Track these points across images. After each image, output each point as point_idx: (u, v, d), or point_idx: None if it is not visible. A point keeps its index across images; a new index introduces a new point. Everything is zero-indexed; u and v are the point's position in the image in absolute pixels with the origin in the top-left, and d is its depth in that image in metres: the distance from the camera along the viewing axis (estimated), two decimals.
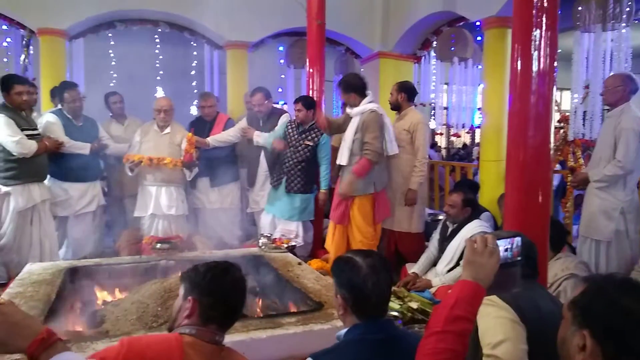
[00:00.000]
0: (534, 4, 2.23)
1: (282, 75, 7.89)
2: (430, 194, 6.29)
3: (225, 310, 1.43)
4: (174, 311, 1.50)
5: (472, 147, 10.00)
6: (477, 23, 5.45)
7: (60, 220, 4.36)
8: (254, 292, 3.05)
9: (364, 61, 7.18)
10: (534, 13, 2.24)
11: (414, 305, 2.81)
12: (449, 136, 10.89)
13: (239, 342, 2.03)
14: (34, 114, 4.35)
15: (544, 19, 2.23)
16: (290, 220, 4.49)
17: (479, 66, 6.76)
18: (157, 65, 7.82)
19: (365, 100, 3.96)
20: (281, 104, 7.77)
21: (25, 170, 3.90)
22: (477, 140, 10.54)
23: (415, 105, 4.57)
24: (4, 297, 2.58)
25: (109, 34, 6.75)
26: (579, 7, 4.30)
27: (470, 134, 10.74)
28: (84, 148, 4.33)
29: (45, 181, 4.18)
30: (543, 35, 2.24)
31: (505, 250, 1.53)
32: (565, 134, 4.32)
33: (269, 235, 4.01)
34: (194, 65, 7.70)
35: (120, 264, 3.39)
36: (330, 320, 2.31)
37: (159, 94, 7.60)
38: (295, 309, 2.76)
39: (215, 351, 1.38)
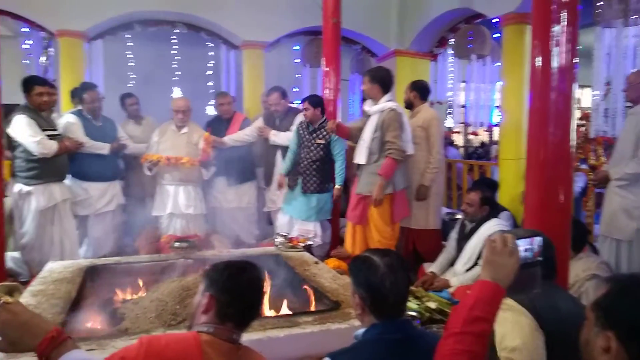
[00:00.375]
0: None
1: (298, 75, 7.90)
2: (448, 192, 6.24)
3: (241, 309, 1.43)
4: (193, 307, 1.51)
5: (491, 146, 9.88)
6: (495, 20, 5.39)
7: (80, 219, 4.42)
8: (270, 291, 3.05)
9: (380, 59, 7.14)
10: (553, 8, 2.20)
11: (432, 305, 2.79)
12: (467, 135, 10.79)
13: (256, 341, 2.03)
14: (53, 114, 4.42)
15: (564, 15, 2.19)
16: (307, 220, 4.48)
17: (497, 63, 6.68)
18: (174, 65, 7.89)
19: (384, 99, 3.94)
20: (297, 103, 7.78)
21: (46, 170, 3.96)
22: (495, 138, 10.42)
23: (432, 104, 4.55)
24: (25, 295, 2.63)
25: (127, 36, 6.83)
26: (600, 3, 4.22)
27: (488, 133, 10.61)
28: (103, 148, 4.39)
29: (66, 181, 4.25)
30: (563, 31, 2.20)
31: (526, 250, 1.50)
32: (586, 132, 4.25)
33: (286, 234, 4.02)
34: (210, 65, 7.75)
35: (139, 262, 3.42)
36: (347, 320, 2.30)
37: (176, 94, 7.67)
38: (312, 308, 2.76)
39: (233, 350, 1.38)
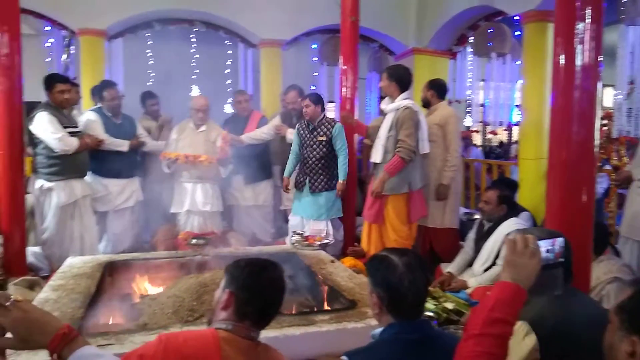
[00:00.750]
0: None
1: (315, 73, 7.90)
2: (466, 192, 6.18)
3: (260, 307, 1.43)
4: (213, 302, 1.51)
5: (510, 145, 9.76)
6: (516, 17, 5.31)
7: (100, 215, 4.47)
8: (287, 289, 3.05)
9: (398, 57, 7.10)
10: (578, 5, 2.15)
11: (450, 305, 2.77)
12: (485, 134, 10.68)
13: (273, 339, 2.03)
14: (74, 112, 4.48)
15: (588, 12, 2.14)
16: (318, 219, 4.45)
17: (517, 62, 6.60)
18: (193, 64, 7.95)
19: (401, 97, 3.91)
20: None
21: (67, 166, 4.02)
22: (515, 138, 10.29)
23: (450, 103, 4.51)
24: (45, 290, 2.67)
25: (146, 34, 6.90)
26: (624, 0, 4.13)
27: (508, 132, 10.48)
28: (122, 145, 4.44)
29: (86, 177, 4.30)
30: (587, 29, 2.15)
31: (547, 250, 1.48)
32: (608, 132, 4.17)
33: (302, 232, 4.02)
34: (228, 64, 7.80)
35: (157, 258, 3.46)
36: (364, 319, 2.30)
37: (195, 92, 7.73)
38: (328, 307, 2.76)
39: (251, 347, 1.38)
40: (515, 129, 9.90)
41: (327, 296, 2.86)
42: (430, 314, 2.66)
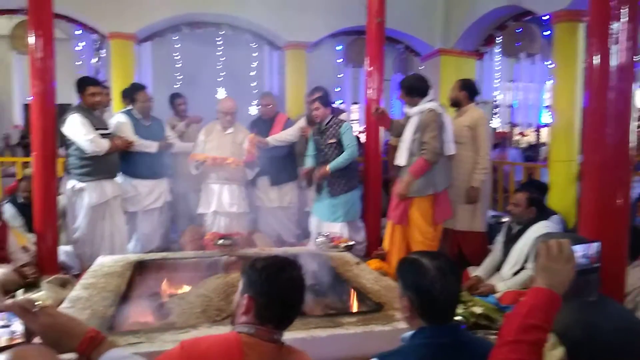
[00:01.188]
0: None
1: (340, 75, 7.90)
2: (494, 195, 6.08)
3: (280, 311, 1.41)
4: (234, 305, 1.51)
5: (539, 147, 9.56)
6: (545, 17, 5.21)
7: (129, 215, 4.55)
8: (313, 291, 3.06)
9: (424, 58, 7.04)
10: (613, 4, 2.10)
11: (478, 310, 2.72)
12: (513, 135, 10.49)
13: (299, 340, 2.04)
14: (105, 113, 4.58)
15: (624, 11, 2.09)
16: (335, 222, 4.44)
17: (546, 62, 6.47)
18: (219, 66, 8.04)
19: (425, 100, 3.88)
20: (339, 103, 7.78)
21: (98, 167, 4.10)
22: (543, 139, 10.08)
23: (476, 104, 4.44)
24: (77, 288, 2.73)
25: (174, 37, 7.01)
26: None
27: (537, 133, 10.27)
28: (151, 146, 4.51)
29: (117, 178, 4.39)
30: (623, 28, 2.09)
31: (583, 255, 1.45)
32: None
33: (327, 234, 4.01)
34: (254, 66, 7.85)
35: (185, 258, 3.50)
36: (391, 322, 2.28)
37: (221, 95, 7.82)
38: (354, 309, 2.75)
39: (275, 350, 1.38)
40: (543, 131, 9.71)
41: (353, 298, 2.85)
42: (458, 318, 2.62)
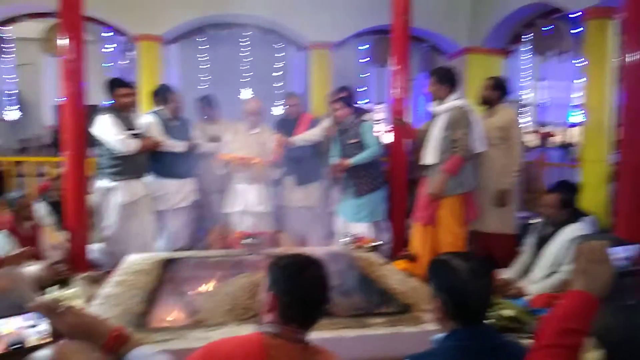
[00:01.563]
0: None
1: (365, 74, 7.88)
2: (523, 196, 5.97)
3: (304, 310, 1.40)
4: (259, 303, 1.51)
5: (569, 147, 9.33)
6: (575, 14, 5.10)
7: (158, 214, 4.60)
8: (339, 291, 3.05)
9: (450, 57, 6.97)
10: None
11: (508, 312, 2.66)
12: (542, 135, 10.27)
13: (327, 340, 2.02)
14: (134, 114, 4.65)
15: None
16: (360, 222, 4.42)
17: (575, 60, 6.33)
18: (244, 67, 8.11)
19: (452, 97, 3.85)
20: (364, 103, 7.76)
21: (128, 167, 4.18)
22: (572, 139, 9.83)
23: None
24: (108, 285, 2.78)
25: (200, 39, 7.10)
26: None
27: (566, 133, 10.02)
28: (179, 146, 4.56)
29: (146, 177, 4.46)
30: None
31: (623, 257, 1.40)
32: None
33: (353, 234, 4.00)
34: (279, 66, 7.89)
35: (212, 257, 3.54)
36: (419, 324, 2.26)
37: (246, 95, 7.88)
38: (381, 310, 2.73)
39: (299, 350, 1.37)
40: (571, 130, 9.49)
41: (380, 299, 2.83)
42: (488, 321, 2.57)
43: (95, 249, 4.24)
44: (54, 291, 3.13)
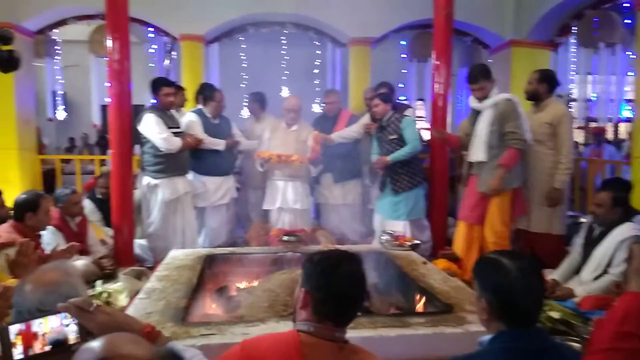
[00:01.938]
0: None
1: (404, 70, 7.77)
2: (570, 194, 5.75)
3: (337, 307, 1.36)
4: (295, 300, 1.49)
5: (621, 143, 8.92)
6: (627, 4, 4.85)
7: (198, 210, 4.68)
8: (378, 289, 3.02)
9: (493, 51, 6.77)
10: None
11: (555, 315, 2.57)
12: (593, 131, 9.87)
13: (367, 339, 2.01)
14: (176, 112, 4.74)
15: None
16: (397, 220, 4.36)
17: (628, 52, 6.03)
18: (283, 65, 8.15)
19: (495, 91, 3.74)
20: (402, 99, 7.66)
21: (171, 164, 4.27)
22: (623, 135, 9.41)
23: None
24: (151, 280, 2.85)
25: (240, 38, 7.17)
26: None
27: (618, 128, 9.60)
28: (219, 144, 4.61)
29: (187, 175, 4.54)
30: None
31: None
32: None
33: (391, 232, 3.95)
34: (317, 64, 7.89)
35: (251, 253, 3.57)
36: (462, 325, 2.19)
37: (285, 93, 7.92)
38: (422, 310, 2.68)
39: (335, 349, 1.34)
40: (624, 125, 9.08)
41: (421, 298, 2.78)
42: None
43: (139, 244, 4.35)
44: (99, 285, 3.24)
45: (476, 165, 3.86)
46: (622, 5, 5.10)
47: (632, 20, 4.94)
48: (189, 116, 4.67)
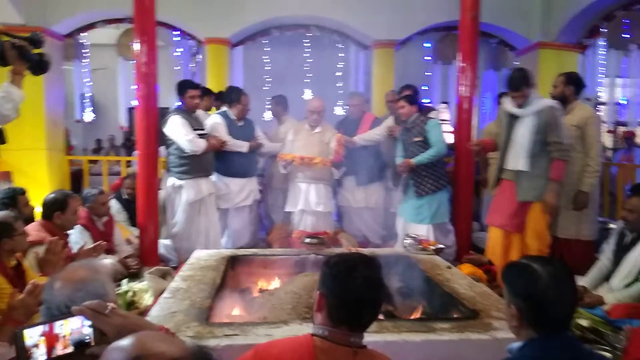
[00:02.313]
0: None
1: (428, 73, 7.71)
2: (600, 199, 5.60)
3: (350, 311, 1.34)
4: (313, 303, 1.47)
5: None
6: None
7: (221, 212, 4.71)
8: (401, 294, 2.99)
9: (519, 53, 6.66)
10: None
11: (584, 322, 2.50)
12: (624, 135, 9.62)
13: (391, 343, 1.99)
14: (201, 115, 4.79)
15: None
16: (420, 223, 4.30)
17: None
18: (306, 67, 8.16)
19: (534, 96, 3.60)
20: (427, 102, 7.60)
21: (195, 166, 4.31)
22: None
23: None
24: (176, 279, 2.87)
25: (264, 41, 7.21)
26: None
27: None
28: (243, 146, 4.64)
29: (211, 176, 4.58)
30: None
31: None
32: None
33: (415, 236, 3.90)
34: (340, 66, 7.88)
35: (274, 255, 3.57)
36: (489, 331, 2.15)
37: (307, 95, 7.94)
38: (447, 315, 2.64)
39: (349, 354, 1.32)
40: None
41: (446, 303, 2.74)
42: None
43: (163, 244, 4.40)
44: (124, 284, 3.28)
45: (513, 172, 3.71)
46: None
47: None
48: (214, 118, 4.71)
